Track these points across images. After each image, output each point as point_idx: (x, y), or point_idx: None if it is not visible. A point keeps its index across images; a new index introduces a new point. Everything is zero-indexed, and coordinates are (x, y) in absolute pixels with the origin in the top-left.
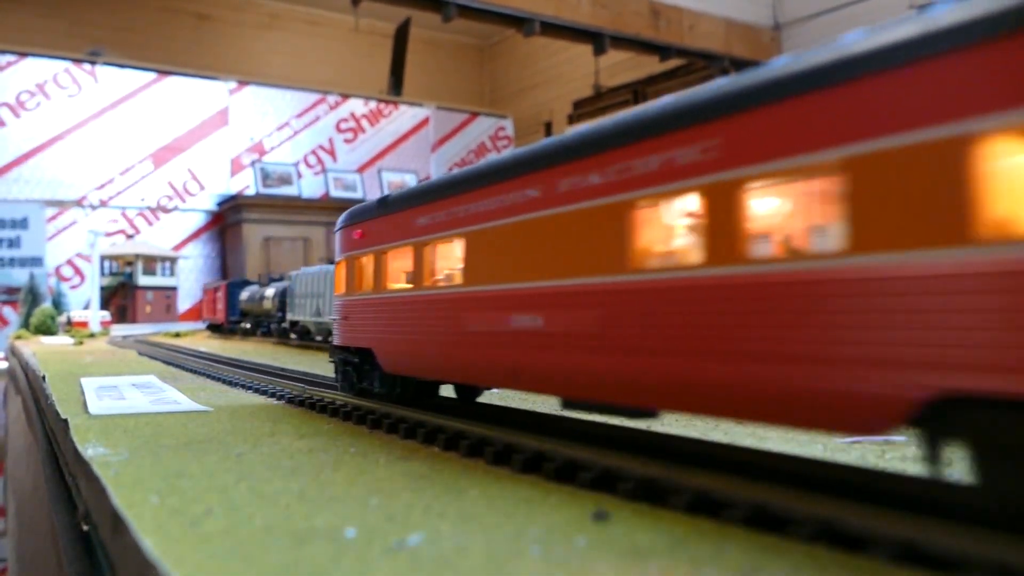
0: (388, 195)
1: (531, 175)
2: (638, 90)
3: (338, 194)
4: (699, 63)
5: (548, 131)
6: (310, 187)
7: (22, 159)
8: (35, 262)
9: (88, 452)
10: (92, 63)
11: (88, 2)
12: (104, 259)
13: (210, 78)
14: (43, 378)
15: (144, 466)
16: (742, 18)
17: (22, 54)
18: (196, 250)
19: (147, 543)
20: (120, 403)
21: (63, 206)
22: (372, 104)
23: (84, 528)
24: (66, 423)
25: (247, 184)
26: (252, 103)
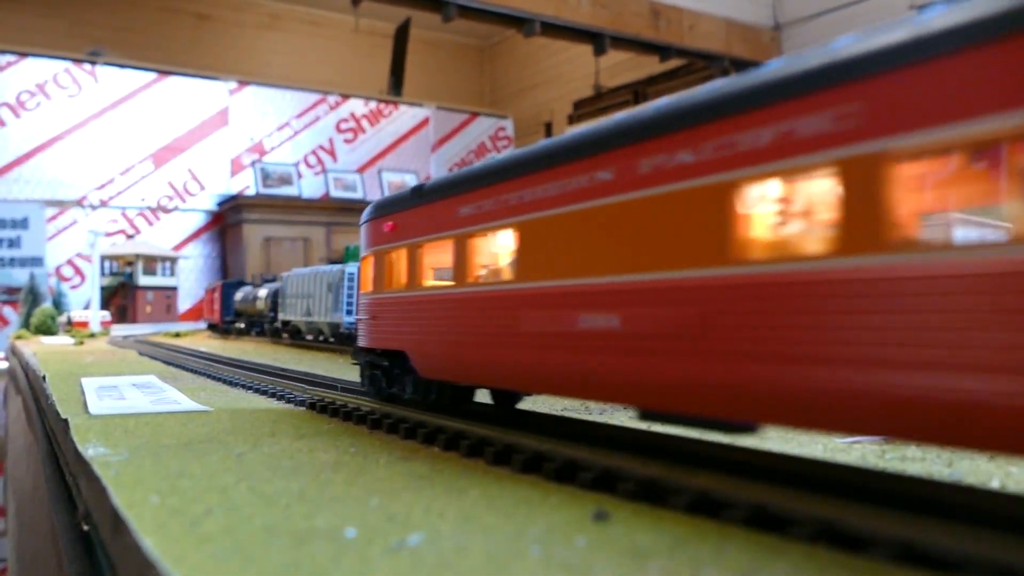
0: (423, 184)
1: (602, 156)
2: (638, 90)
3: (338, 194)
4: (699, 63)
5: (548, 131)
6: (310, 187)
7: (22, 159)
8: (35, 262)
9: (88, 452)
10: (92, 63)
11: (88, 2)
12: (104, 259)
13: (210, 78)
14: (43, 378)
15: (144, 466)
16: (742, 18)
17: (22, 54)
18: (196, 250)
19: (147, 543)
20: (120, 403)
21: (63, 206)
22: (372, 104)
23: (84, 528)
24: (66, 423)
25: (247, 184)
26: (252, 103)
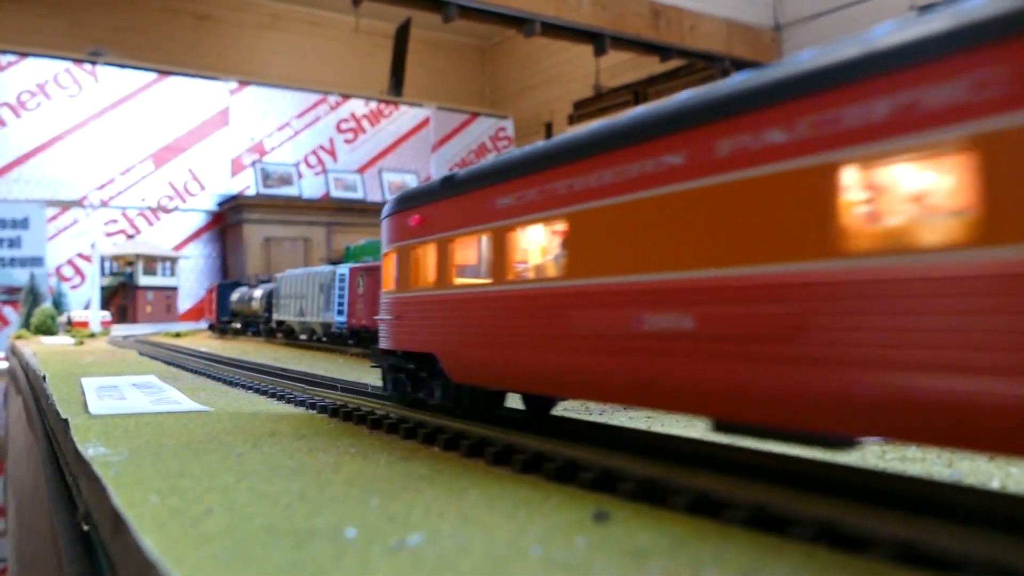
0: (454, 173)
1: (670, 137)
2: (639, 91)
3: (339, 194)
4: (700, 64)
5: (548, 132)
6: (310, 187)
7: (23, 159)
8: (36, 262)
9: (88, 452)
10: (93, 63)
11: (89, 2)
12: (104, 259)
13: (211, 78)
14: (43, 378)
15: (144, 466)
16: (743, 19)
17: (23, 54)
18: (197, 250)
19: (147, 543)
20: (121, 403)
21: (64, 206)
22: (373, 104)
23: (84, 528)
24: (66, 423)
25: (248, 184)
26: (253, 103)
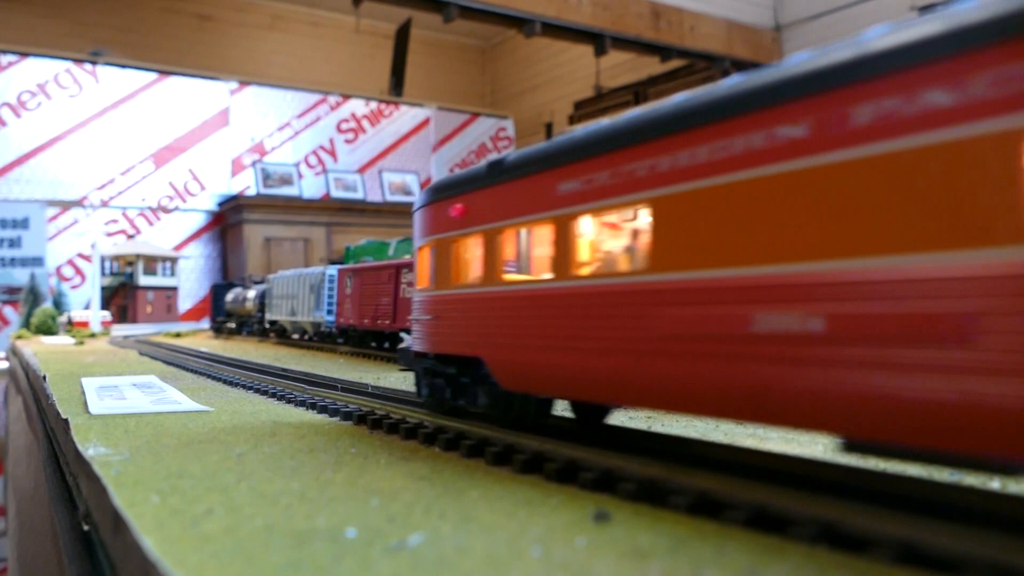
0: (503, 157)
1: (788, 105)
2: (639, 91)
3: (339, 194)
4: (700, 64)
5: (549, 132)
6: (311, 187)
7: (23, 159)
8: (36, 262)
9: (89, 452)
10: (93, 63)
11: (90, 2)
12: (105, 259)
13: (211, 78)
14: (44, 378)
15: (145, 466)
16: (743, 19)
17: (23, 54)
18: (197, 250)
19: (148, 543)
20: (121, 403)
21: (64, 206)
22: (373, 105)
23: (85, 528)
24: (67, 423)
25: (248, 184)
26: (253, 103)
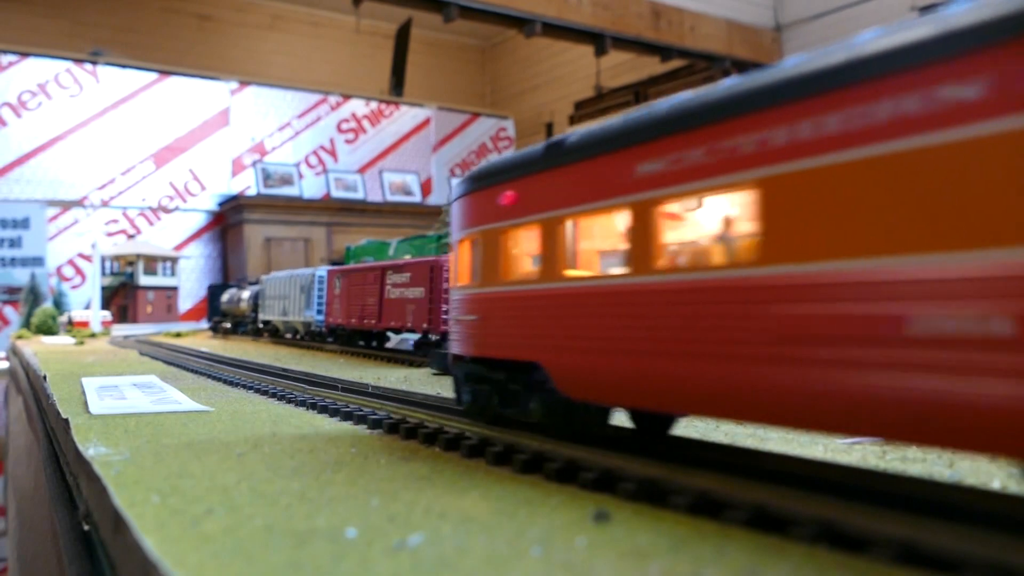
0: (564, 137)
1: (958, 59)
2: (639, 91)
3: (339, 194)
4: (700, 64)
5: (549, 132)
6: (311, 187)
7: (24, 159)
8: (36, 262)
9: (89, 452)
10: (94, 63)
11: (90, 2)
12: (105, 259)
13: (212, 78)
14: (44, 378)
15: (145, 466)
16: (743, 19)
17: (24, 54)
18: (197, 250)
19: (148, 543)
20: (121, 403)
21: (64, 206)
22: (373, 105)
23: (85, 528)
24: (67, 423)
25: (248, 184)
26: (253, 103)
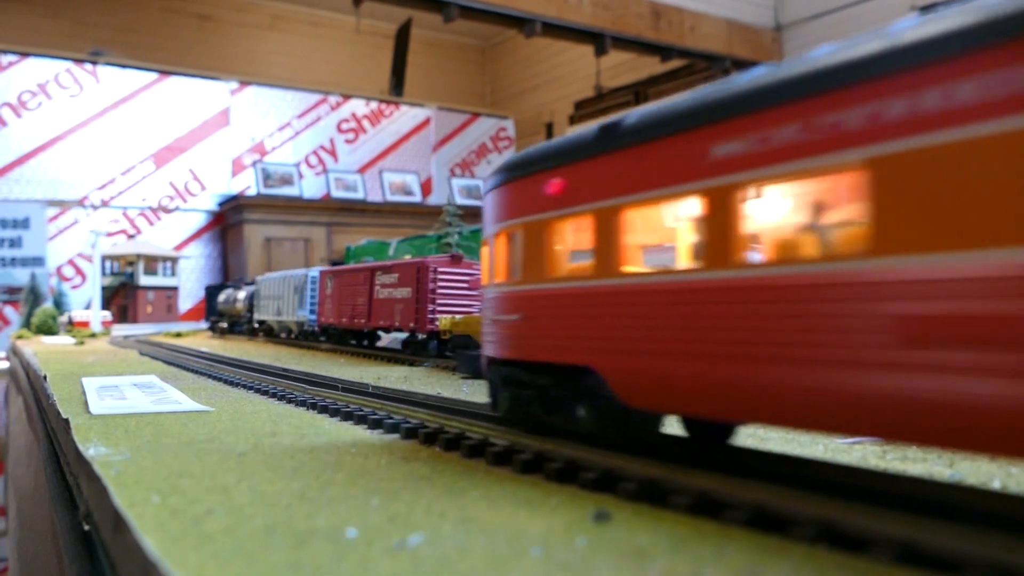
0: (620, 118)
1: None
2: (639, 91)
3: (339, 194)
4: (700, 64)
5: (549, 132)
6: (311, 187)
7: (24, 159)
8: (36, 262)
9: (89, 452)
10: (94, 63)
11: (90, 2)
12: (105, 259)
13: (212, 78)
14: (44, 378)
15: (145, 466)
16: (743, 19)
17: (24, 54)
18: (197, 250)
19: (148, 543)
20: (121, 403)
21: (64, 206)
22: (373, 105)
23: (85, 528)
24: (67, 423)
25: (248, 184)
26: (253, 103)
